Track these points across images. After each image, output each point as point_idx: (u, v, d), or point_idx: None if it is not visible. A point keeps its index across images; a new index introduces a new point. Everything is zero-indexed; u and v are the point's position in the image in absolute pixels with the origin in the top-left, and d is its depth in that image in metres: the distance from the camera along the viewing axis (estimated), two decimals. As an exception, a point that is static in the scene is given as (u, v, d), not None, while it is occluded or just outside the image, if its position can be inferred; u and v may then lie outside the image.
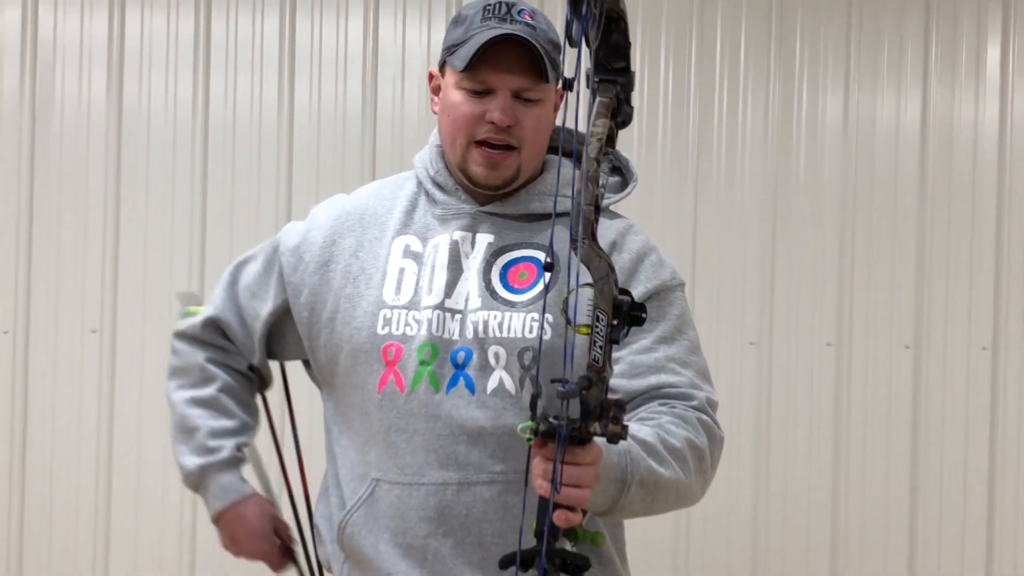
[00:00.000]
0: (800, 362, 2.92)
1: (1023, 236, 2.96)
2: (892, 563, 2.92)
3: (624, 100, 1.16)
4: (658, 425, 1.33)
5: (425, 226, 1.47)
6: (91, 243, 2.83)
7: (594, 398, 1.08)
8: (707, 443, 1.37)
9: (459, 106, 1.41)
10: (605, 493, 1.25)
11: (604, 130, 1.11)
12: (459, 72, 1.39)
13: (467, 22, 1.42)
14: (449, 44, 1.44)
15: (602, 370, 1.08)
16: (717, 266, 2.91)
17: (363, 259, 1.47)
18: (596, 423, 1.08)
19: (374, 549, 1.41)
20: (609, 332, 1.08)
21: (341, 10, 2.88)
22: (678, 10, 2.92)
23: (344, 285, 1.46)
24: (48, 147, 2.84)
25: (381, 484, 1.41)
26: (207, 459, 1.55)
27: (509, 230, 1.45)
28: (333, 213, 1.53)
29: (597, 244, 1.10)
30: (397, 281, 1.43)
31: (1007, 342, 2.94)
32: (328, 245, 1.49)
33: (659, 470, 1.29)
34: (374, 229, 1.48)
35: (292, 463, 1.85)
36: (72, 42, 2.84)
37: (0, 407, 2.80)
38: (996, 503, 2.94)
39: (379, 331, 1.41)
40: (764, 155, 2.94)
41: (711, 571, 2.90)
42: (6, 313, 2.81)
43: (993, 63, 2.98)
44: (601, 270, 1.08)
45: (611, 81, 1.13)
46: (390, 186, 1.56)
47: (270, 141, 2.86)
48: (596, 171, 1.09)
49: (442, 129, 1.48)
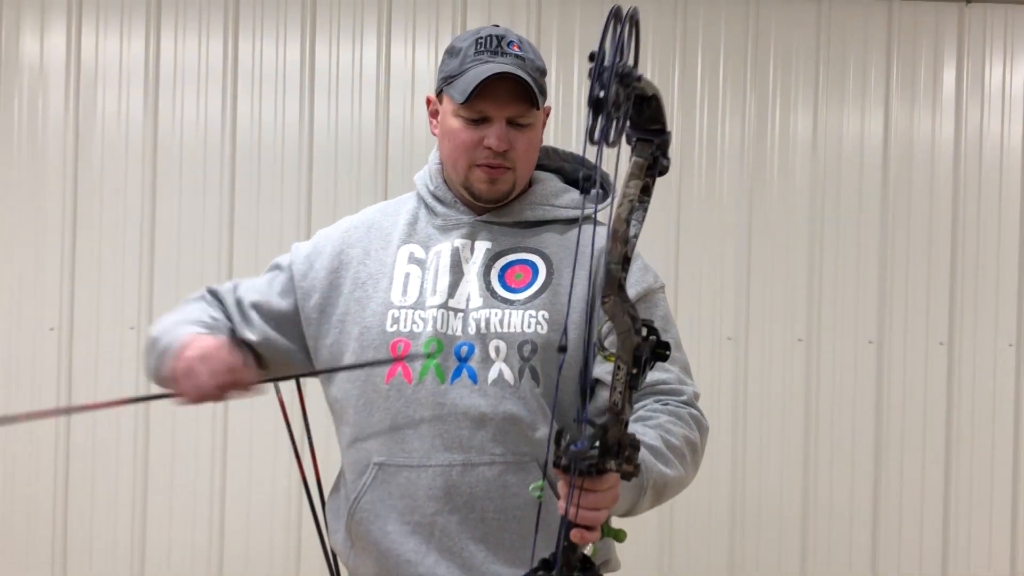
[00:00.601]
0: (774, 356, 2.98)
1: (976, 241, 3.03)
2: (857, 540, 3.00)
3: (662, 154, 1.17)
4: (659, 426, 1.41)
5: (427, 235, 1.52)
6: (129, 248, 2.90)
7: (613, 437, 1.13)
8: (698, 436, 1.45)
9: (459, 133, 1.47)
10: (627, 500, 1.33)
11: (636, 191, 1.13)
12: (457, 103, 1.45)
13: (461, 54, 1.46)
14: (446, 75, 1.49)
15: (621, 412, 1.11)
16: (698, 269, 2.98)
17: (370, 266, 1.51)
18: (613, 460, 1.13)
19: (382, 531, 1.44)
20: (628, 379, 1.12)
21: (356, 37, 2.95)
22: (662, 37, 2.99)
23: (354, 289, 1.50)
24: (90, 161, 2.91)
25: (386, 468, 1.44)
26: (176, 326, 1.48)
27: (504, 236, 1.51)
28: (341, 227, 1.58)
29: (623, 297, 1.12)
30: (403, 284, 1.48)
31: (961, 338, 3.02)
32: (337, 254, 1.54)
33: (667, 472, 1.37)
34: (380, 239, 1.53)
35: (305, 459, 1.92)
36: (112, 66, 2.92)
37: (46, 400, 2.87)
38: (951, 492, 3.02)
39: (388, 328, 1.45)
40: (741, 168, 3.00)
41: (693, 555, 2.98)
42: (52, 311, 2.88)
43: (949, 85, 3.05)
44: (624, 324, 1.11)
45: (648, 140, 1.15)
46: (393, 204, 1.61)
47: (292, 155, 2.93)
48: (625, 231, 1.11)
49: (444, 152, 1.52)
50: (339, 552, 1.54)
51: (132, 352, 2.89)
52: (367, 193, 2.90)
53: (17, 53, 2.93)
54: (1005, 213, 3.06)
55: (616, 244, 1.10)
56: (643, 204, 1.17)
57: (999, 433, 3.04)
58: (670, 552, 2.98)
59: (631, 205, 1.12)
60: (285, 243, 2.83)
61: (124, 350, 2.90)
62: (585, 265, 1.48)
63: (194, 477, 2.92)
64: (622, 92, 1.03)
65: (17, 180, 2.92)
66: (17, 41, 2.93)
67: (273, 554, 2.93)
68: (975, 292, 3.04)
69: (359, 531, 1.46)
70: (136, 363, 2.84)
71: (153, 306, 2.91)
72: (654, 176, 1.18)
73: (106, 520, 2.91)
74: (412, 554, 1.43)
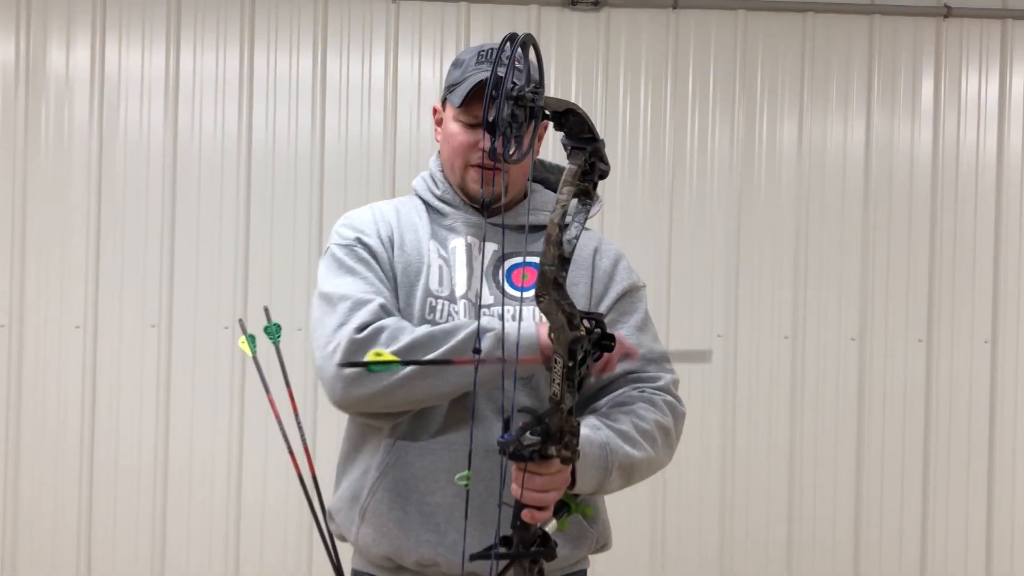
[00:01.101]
0: (761, 352, 3.05)
1: (953, 243, 3.10)
2: (840, 528, 3.08)
3: (599, 160, 1.19)
4: (632, 412, 1.47)
5: (442, 235, 1.57)
6: (150, 251, 2.97)
7: (555, 425, 1.18)
8: (672, 421, 1.51)
9: (456, 136, 1.54)
10: (593, 479, 1.39)
11: (568, 197, 1.15)
12: (456, 107, 1.52)
13: (463, 65, 1.53)
14: (449, 84, 1.56)
15: (560, 402, 1.16)
16: (689, 270, 3.04)
17: (408, 252, 1.54)
18: (554, 446, 1.18)
19: (403, 512, 1.46)
20: (565, 372, 1.15)
21: (366, 51, 3.02)
22: (654, 50, 3.07)
23: (398, 274, 1.53)
24: (113, 168, 2.98)
25: (411, 449, 1.47)
26: None
27: (508, 240, 1.56)
28: (370, 216, 1.58)
29: (559, 295, 1.14)
30: (439, 275, 1.52)
31: (939, 335, 3.09)
32: (387, 237, 1.55)
33: (634, 453, 1.43)
34: (410, 232, 1.57)
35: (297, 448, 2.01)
36: (134, 78, 3.00)
37: (72, 396, 2.96)
38: (930, 486, 3.09)
39: (426, 316, 1.49)
40: (730, 174, 3.07)
41: (684, 546, 3.04)
42: (77, 310, 2.96)
43: (927, 95, 3.12)
44: (559, 321, 1.14)
45: (581, 148, 1.17)
46: (405, 202, 1.64)
47: (304, 163, 3.00)
48: (559, 235, 1.13)
49: (444, 154, 1.59)
50: (348, 533, 1.53)
51: (153, 349, 2.99)
52: (375, 197, 2.87)
53: (44, 66, 3.01)
54: (980, 217, 3.12)
55: (549, 247, 1.13)
56: (585, 207, 1.20)
57: (975, 427, 3.11)
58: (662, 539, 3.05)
59: (563, 210, 1.14)
60: (297, 245, 3.00)
61: (146, 347, 2.99)
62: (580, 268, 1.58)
63: (211, 469, 2.99)
64: (520, 113, 1.06)
65: (44, 186, 2.99)
66: (44, 55, 3.01)
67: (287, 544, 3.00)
68: (952, 292, 3.10)
69: (377, 507, 1.47)
70: (156, 359, 2.97)
71: (173, 305, 2.99)
72: (594, 180, 1.21)
73: (127, 519, 2.98)
74: (431, 534, 1.45)
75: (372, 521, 1.49)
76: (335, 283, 1.49)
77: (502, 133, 1.08)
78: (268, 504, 3.00)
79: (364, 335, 1.40)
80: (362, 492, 1.50)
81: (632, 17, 3.10)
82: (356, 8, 3.04)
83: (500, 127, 1.08)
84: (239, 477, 3.01)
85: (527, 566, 1.28)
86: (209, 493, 3.00)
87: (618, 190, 3.07)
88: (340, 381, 1.41)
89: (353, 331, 1.41)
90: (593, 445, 1.38)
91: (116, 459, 2.99)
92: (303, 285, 2.98)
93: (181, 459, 3.00)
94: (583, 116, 1.17)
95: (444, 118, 1.59)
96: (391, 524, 1.47)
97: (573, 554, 1.54)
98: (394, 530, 1.47)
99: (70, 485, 2.99)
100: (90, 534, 2.99)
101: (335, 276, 1.51)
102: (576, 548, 1.54)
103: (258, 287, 3.01)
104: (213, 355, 3.00)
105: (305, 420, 2.83)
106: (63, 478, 2.99)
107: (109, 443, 2.99)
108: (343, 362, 1.28)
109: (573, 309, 1.16)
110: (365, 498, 1.49)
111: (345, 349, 1.40)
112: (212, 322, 3.00)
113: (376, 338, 1.39)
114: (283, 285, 3.00)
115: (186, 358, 3.00)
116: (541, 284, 1.14)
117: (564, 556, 1.49)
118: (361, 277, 1.49)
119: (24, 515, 2.99)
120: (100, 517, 2.99)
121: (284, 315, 2.91)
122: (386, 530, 1.47)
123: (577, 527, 1.52)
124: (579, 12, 3.09)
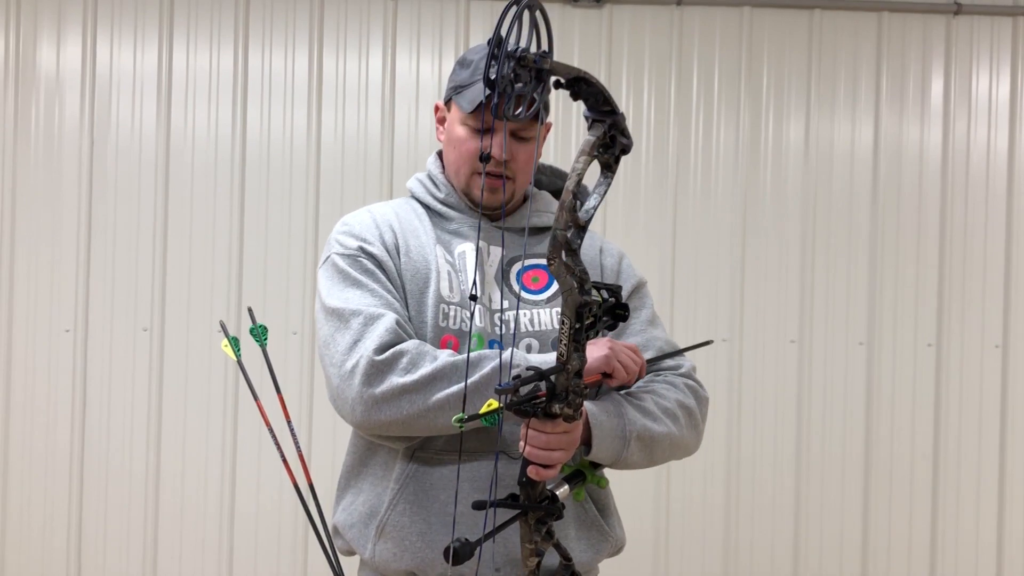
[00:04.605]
0: (767, 357, 3.01)
1: (963, 246, 3.05)
2: (848, 535, 3.04)
3: (620, 133, 1.21)
4: (651, 391, 1.48)
5: (446, 239, 1.55)
6: (142, 251, 2.94)
7: (561, 384, 1.21)
8: (695, 402, 1.52)
9: (464, 142, 1.51)
10: (610, 448, 1.39)
11: (583, 167, 1.17)
12: (465, 112, 1.49)
13: (472, 66, 1.50)
14: (456, 84, 1.52)
15: (567, 362, 1.19)
16: (693, 272, 3.01)
17: (415, 259, 1.51)
18: (558, 405, 1.21)
19: (427, 524, 1.44)
20: (572, 333, 1.18)
21: (363, 48, 2.98)
22: (659, 49, 3.04)
23: (406, 281, 1.50)
24: (105, 167, 2.94)
25: (428, 459, 1.45)
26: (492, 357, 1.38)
27: (513, 243, 1.55)
28: (371, 221, 1.54)
29: (572, 260, 1.16)
30: (449, 280, 1.50)
31: (949, 340, 3.04)
32: (391, 243, 1.52)
33: (653, 427, 1.43)
34: (413, 238, 1.53)
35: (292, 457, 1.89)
36: (126, 75, 2.96)
37: (62, 400, 2.92)
38: (939, 491, 3.04)
39: (440, 323, 1.46)
40: (735, 174, 3.03)
41: (688, 551, 3.00)
42: (67, 313, 2.92)
43: (937, 94, 3.07)
44: (567, 284, 1.17)
45: (600, 121, 1.19)
46: (402, 204, 1.61)
47: (300, 162, 2.96)
48: (572, 201, 1.16)
49: (448, 158, 1.56)
50: (362, 550, 1.49)
51: (144, 354, 2.95)
52: (372, 197, 2.95)
53: (34, 63, 2.97)
54: (991, 218, 3.08)
55: (563, 212, 1.16)
56: (606, 180, 1.23)
57: (985, 433, 3.07)
58: (666, 544, 3.02)
59: (578, 178, 1.16)
60: (292, 247, 2.96)
61: (137, 351, 2.95)
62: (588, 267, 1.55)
63: (204, 475, 2.96)
64: (524, 74, 1.06)
65: (34, 186, 2.96)
66: (34, 52, 2.97)
67: (281, 552, 2.97)
68: (963, 294, 3.06)
69: (398, 521, 1.45)
70: (148, 364, 2.94)
71: (166, 309, 2.95)
72: (615, 155, 1.22)
73: (119, 526, 2.95)
74: None
75: (393, 536, 1.46)
76: (342, 296, 1.45)
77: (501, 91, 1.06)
78: (262, 511, 2.97)
79: (384, 358, 1.37)
80: (380, 507, 1.47)
81: (635, 14, 3.06)
82: (353, 4, 3.00)
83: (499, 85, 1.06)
84: (232, 483, 2.97)
85: (532, 524, 1.27)
86: (202, 499, 2.96)
87: (621, 191, 3.03)
88: (361, 404, 1.37)
89: (372, 352, 1.37)
90: (610, 414, 1.38)
91: (107, 465, 2.95)
92: (299, 288, 2.95)
93: (173, 465, 2.96)
94: (598, 86, 1.16)
95: (449, 119, 1.56)
96: (414, 537, 1.44)
97: (593, 559, 1.53)
98: (417, 543, 1.44)
99: (60, 491, 2.96)
100: (80, 541, 2.95)
101: (341, 289, 1.46)
102: (596, 553, 1.52)
103: (252, 289, 2.97)
104: (206, 358, 2.96)
105: (301, 427, 2.83)
106: (53, 484, 2.96)
107: (100, 448, 2.95)
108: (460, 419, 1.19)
109: (585, 275, 1.17)
110: (384, 513, 1.46)
111: (365, 371, 1.36)
112: (205, 325, 2.96)
113: (397, 362, 1.36)
114: (278, 287, 2.96)
115: (179, 362, 2.96)
116: (552, 247, 1.16)
117: (583, 562, 1.48)
118: (368, 290, 1.45)
119: (12, 522, 2.96)
120: (91, 524, 2.96)
121: (279, 318, 2.92)
122: (408, 543, 1.45)
123: (598, 531, 1.53)
124: (581, 9, 3.05)
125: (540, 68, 1.08)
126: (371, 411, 1.37)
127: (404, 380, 1.35)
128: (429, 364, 1.37)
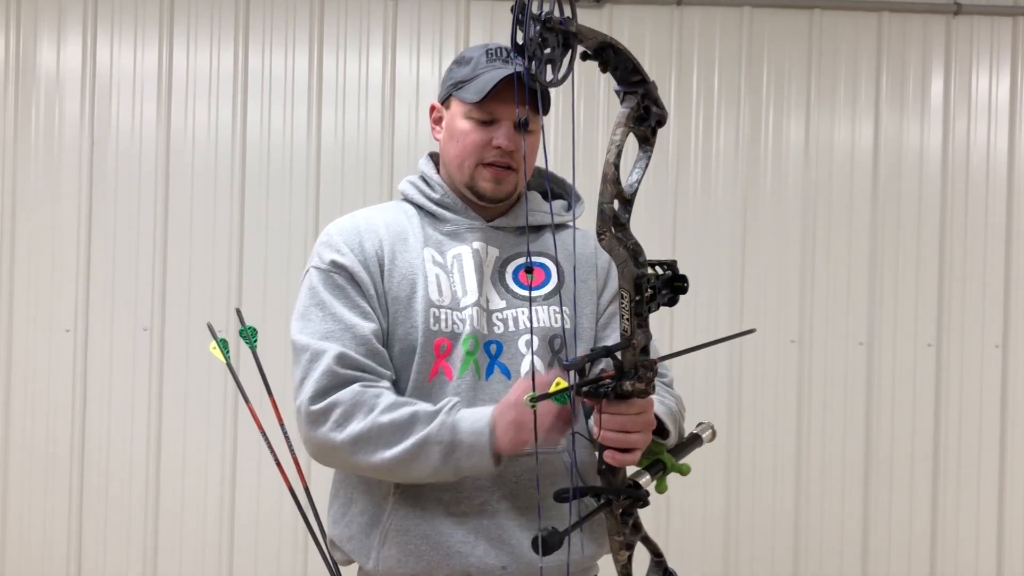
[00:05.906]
0: (767, 356, 3.01)
1: (963, 245, 3.05)
2: (848, 538, 3.03)
3: (653, 103, 1.18)
4: (661, 402, 1.47)
5: (438, 241, 1.53)
6: (142, 251, 2.94)
7: (628, 361, 1.16)
8: (682, 409, 1.57)
9: (469, 134, 1.50)
10: (674, 433, 1.41)
11: (621, 139, 1.15)
12: (469, 104, 1.48)
13: (472, 63, 1.50)
14: (456, 80, 1.52)
15: (632, 338, 1.15)
16: (692, 272, 2.83)
17: (401, 266, 1.50)
18: (629, 382, 1.16)
19: (430, 524, 1.43)
20: (633, 306, 1.14)
21: (363, 48, 2.98)
22: (659, 49, 3.03)
23: (391, 288, 1.49)
24: (105, 167, 2.95)
25: None
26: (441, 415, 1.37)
27: (508, 242, 1.55)
28: (353, 228, 1.53)
29: (623, 234, 1.14)
30: (437, 284, 1.49)
31: (949, 339, 3.04)
32: (372, 252, 1.50)
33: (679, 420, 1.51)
34: (400, 242, 1.52)
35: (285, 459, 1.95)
36: (126, 75, 2.96)
37: (62, 400, 2.92)
38: (939, 491, 3.04)
39: (431, 327, 1.46)
40: (735, 173, 3.03)
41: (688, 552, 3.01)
42: (68, 313, 2.92)
43: (937, 94, 3.07)
44: (621, 256, 1.15)
45: (632, 92, 1.17)
46: (392, 208, 1.59)
47: (300, 161, 2.96)
48: (615, 174, 1.14)
49: (449, 154, 1.54)
50: (365, 559, 1.47)
51: (144, 353, 2.95)
52: (373, 197, 2.95)
53: (35, 63, 2.97)
54: (991, 218, 3.08)
55: (607, 185, 1.14)
56: (646, 153, 1.22)
57: (985, 433, 3.07)
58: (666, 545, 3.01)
59: (617, 150, 1.14)
60: (293, 245, 2.95)
61: (137, 351, 2.95)
62: (586, 265, 1.57)
63: (205, 473, 2.95)
64: (551, 37, 1.05)
65: (34, 186, 2.96)
66: (35, 52, 2.97)
67: (281, 553, 2.97)
68: (963, 295, 3.06)
69: (400, 525, 1.44)
70: (148, 364, 2.94)
71: (166, 309, 2.95)
72: (652, 127, 1.19)
73: (119, 527, 2.95)
74: (461, 545, 1.43)
75: (396, 541, 1.44)
76: (300, 324, 1.48)
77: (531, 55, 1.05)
78: (262, 510, 2.96)
79: (318, 408, 1.39)
80: (381, 515, 1.46)
81: (635, 13, 3.05)
82: (353, 4, 3.00)
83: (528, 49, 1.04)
84: (232, 483, 2.97)
85: (618, 516, 1.22)
86: (202, 499, 2.96)
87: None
88: (309, 445, 1.42)
89: (308, 400, 1.40)
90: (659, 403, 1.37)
91: (107, 465, 2.95)
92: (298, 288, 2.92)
93: (173, 465, 2.96)
94: (626, 53, 1.13)
95: (449, 116, 1.55)
96: (419, 540, 1.44)
97: (597, 552, 1.52)
98: (422, 546, 1.43)
99: (60, 492, 2.95)
100: (80, 542, 2.95)
101: (304, 309, 1.49)
102: (601, 546, 1.50)
103: (252, 289, 2.97)
104: (207, 358, 2.92)
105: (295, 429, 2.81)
106: (53, 485, 2.95)
107: (100, 448, 2.95)
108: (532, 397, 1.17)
109: (639, 248, 1.15)
110: (385, 520, 1.46)
111: (305, 417, 1.41)
112: (205, 325, 2.92)
113: (330, 414, 1.38)
114: (278, 287, 2.96)
115: (179, 362, 2.96)
116: (601, 222, 1.14)
117: (589, 555, 1.49)
118: (330, 313, 1.46)
119: (12, 522, 2.96)
120: (91, 524, 2.95)
121: (279, 318, 2.91)
122: (412, 548, 1.44)
123: (599, 523, 1.45)
124: (581, 9, 3.01)
125: (567, 31, 1.05)
126: (319, 455, 1.43)
127: (334, 437, 1.38)
128: (359, 421, 1.38)
